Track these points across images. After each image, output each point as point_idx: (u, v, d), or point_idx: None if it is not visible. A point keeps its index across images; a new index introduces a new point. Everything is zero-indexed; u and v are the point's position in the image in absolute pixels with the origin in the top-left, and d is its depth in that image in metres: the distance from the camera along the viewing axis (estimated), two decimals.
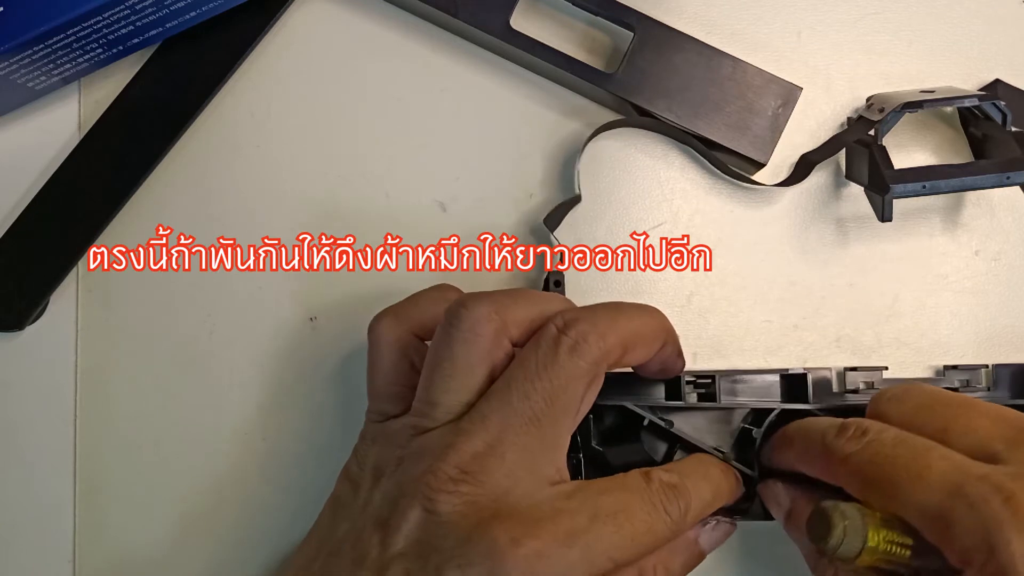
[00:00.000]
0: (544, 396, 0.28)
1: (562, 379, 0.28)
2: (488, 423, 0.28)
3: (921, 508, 0.27)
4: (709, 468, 0.32)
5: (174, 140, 0.38)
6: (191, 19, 0.37)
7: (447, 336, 0.29)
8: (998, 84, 0.38)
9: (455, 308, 0.29)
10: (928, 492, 0.27)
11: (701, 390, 0.35)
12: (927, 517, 0.27)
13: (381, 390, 0.32)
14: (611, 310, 0.30)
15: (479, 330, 0.29)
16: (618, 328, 0.29)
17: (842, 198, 0.39)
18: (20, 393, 0.38)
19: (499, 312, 0.29)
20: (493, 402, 0.28)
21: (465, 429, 0.28)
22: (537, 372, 0.28)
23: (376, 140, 0.39)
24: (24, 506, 0.37)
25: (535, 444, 0.28)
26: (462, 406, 0.29)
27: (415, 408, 0.30)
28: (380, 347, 0.32)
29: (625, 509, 0.28)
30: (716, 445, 0.35)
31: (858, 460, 0.29)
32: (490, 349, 0.29)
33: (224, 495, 0.37)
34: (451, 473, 0.27)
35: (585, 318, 0.29)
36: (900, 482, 0.28)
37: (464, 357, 0.29)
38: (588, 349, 0.28)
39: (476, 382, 0.29)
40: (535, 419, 0.28)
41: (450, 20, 0.37)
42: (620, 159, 0.39)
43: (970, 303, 0.38)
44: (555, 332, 0.29)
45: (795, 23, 0.39)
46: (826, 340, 0.38)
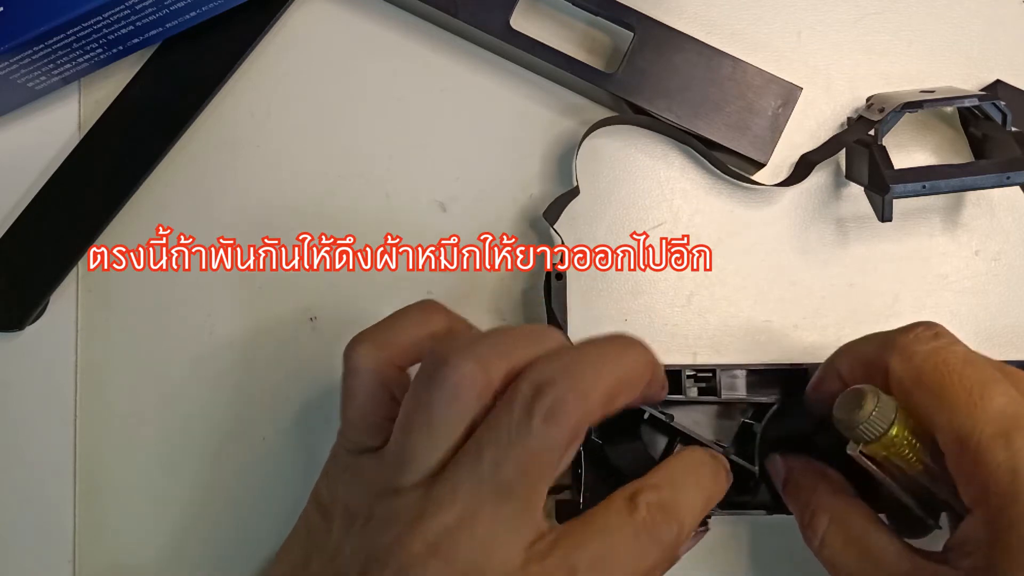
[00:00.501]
0: (517, 467, 0.26)
1: (536, 449, 0.26)
2: (458, 494, 0.26)
3: (963, 432, 0.27)
4: (699, 471, 0.30)
5: (174, 140, 0.38)
6: (191, 19, 0.37)
7: (427, 393, 0.27)
8: (998, 84, 0.38)
9: (437, 364, 0.27)
10: (976, 420, 0.26)
11: (701, 384, 0.35)
12: (963, 442, 0.26)
13: (357, 421, 0.30)
14: (592, 358, 0.27)
15: (461, 392, 0.27)
16: (599, 383, 0.27)
17: (842, 198, 0.39)
18: (20, 393, 0.38)
19: (485, 369, 0.27)
20: (463, 471, 0.26)
21: (436, 498, 0.26)
22: (510, 441, 0.26)
23: (376, 140, 0.39)
24: (24, 506, 0.37)
25: (508, 512, 0.26)
26: (438, 463, 0.27)
27: (389, 458, 0.28)
28: (357, 377, 0.30)
29: (609, 554, 0.27)
30: (716, 439, 0.35)
31: (922, 361, 0.28)
32: (472, 408, 0.27)
33: (224, 495, 0.37)
34: (420, 549, 0.26)
35: (562, 376, 0.26)
36: (956, 400, 0.27)
37: (443, 417, 0.27)
38: (566, 417, 0.26)
39: (455, 439, 0.27)
40: (507, 489, 0.26)
41: (450, 20, 0.37)
42: (620, 159, 0.39)
43: (970, 303, 0.38)
44: (528, 396, 0.26)
45: (795, 23, 0.39)
46: (826, 340, 0.38)
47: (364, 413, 0.30)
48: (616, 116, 0.38)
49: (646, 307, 0.38)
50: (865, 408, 0.28)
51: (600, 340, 0.29)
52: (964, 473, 0.27)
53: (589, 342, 0.28)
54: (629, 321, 0.38)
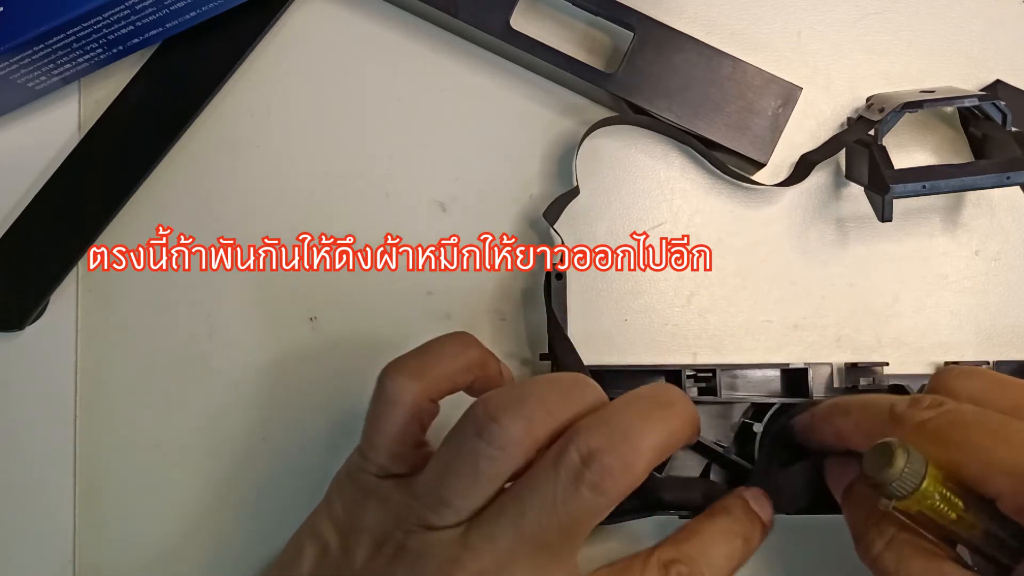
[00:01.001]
0: (559, 529, 0.27)
1: (580, 515, 0.27)
2: (497, 545, 0.27)
3: (1008, 465, 0.26)
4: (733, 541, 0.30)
5: (174, 140, 0.38)
6: (191, 19, 0.37)
7: (474, 448, 0.27)
8: (998, 84, 0.38)
9: (486, 421, 0.27)
10: (1017, 452, 0.26)
11: (702, 384, 0.35)
12: (1015, 475, 0.26)
13: (383, 448, 0.30)
14: (639, 423, 0.27)
15: (510, 450, 0.27)
16: (647, 451, 0.27)
17: (842, 198, 0.39)
18: (20, 393, 0.38)
19: (532, 430, 0.27)
20: (504, 524, 0.27)
21: (474, 546, 0.27)
22: (554, 506, 0.27)
23: (376, 140, 0.39)
24: (24, 506, 0.37)
25: (544, 562, 0.27)
26: (472, 510, 0.28)
27: (423, 497, 0.28)
28: (393, 407, 0.30)
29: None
30: (716, 439, 0.35)
31: (935, 425, 0.28)
32: (517, 463, 0.28)
33: (224, 495, 0.37)
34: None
35: (611, 446, 0.26)
36: (983, 443, 0.27)
37: (488, 473, 0.27)
38: (613, 485, 0.26)
39: (493, 491, 0.28)
40: (546, 546, 0.27)
41: (450, 20, 0.37)
42: (620, 159, 0.39)
43: (970, 303, 0.38)
44: (577, 463, 0.26)
45: (795, 23, 0.39)
46: (826, 340, 0.38)
47: (394, 441, 0.30)
48: (616, 116, 0.38)
49: (646, 307, 0.38)
50: (897, 464, 0.27)
51: (643, 400, 0.29)
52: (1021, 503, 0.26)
53: (631, 401, 0.28)
54: (629, 321, 0.38)
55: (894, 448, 0.27)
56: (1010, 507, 0.27)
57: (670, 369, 0.36)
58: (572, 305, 0.37)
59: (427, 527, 0.28)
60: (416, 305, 0.38)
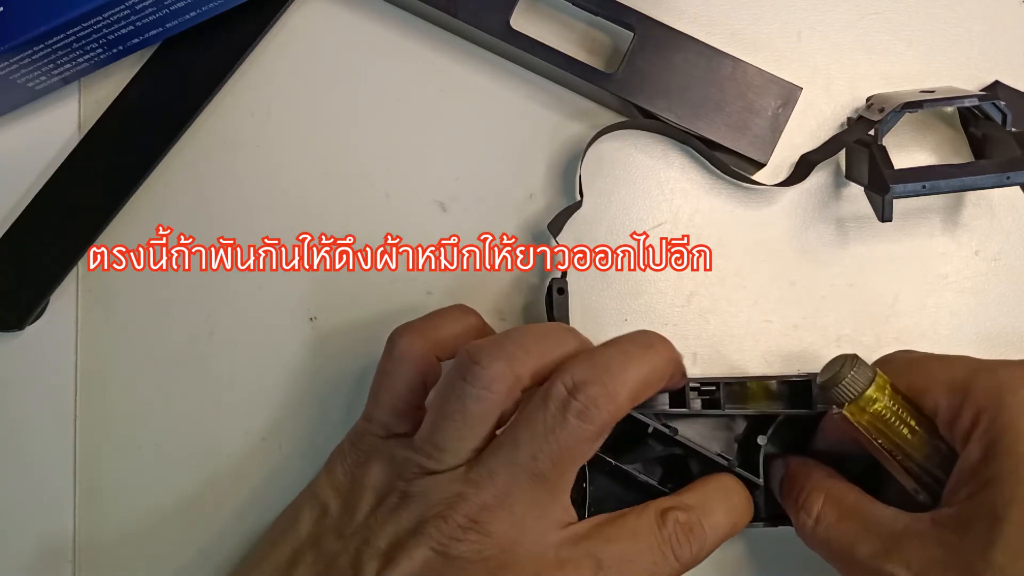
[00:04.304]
0: (551, 457, 0.28)
1: (570, 443, 0.29)
2: (496, 478, 0.29)
3: (944, 380, 0.30)
4: (732, 498, 0.32)
5: (174, 140, 0.38)
6: (191, 19, 0.37)
7: (460, 390, 0.29)
8: (997, 85, 0.38)
9: (469, 363, 0.29)
10: (952, 368, 0.30)
11: (705, 396, 0.35)
12: (948, 386, 0.30)
13: (389, 405, 0.32)
14: (618, 358, 0.30)
15: (494, 388, 0.29)
16: (628, 382, 0.29)
17: (842, 198, 0.39)
18: (20, 393, 0.38)
19: (513, 368, 0.29)
20: (501, 458, 0.29)
21: (475, 480, 0.29)
22: (545, 436, 0.28)
23: (376, 140, 0.39)
24: (24, 506, 0.37)
25: (542, 496, 0.29)
26: (470, 452, 0.29)
27: (421, 447, 0.30)
28: (400, 362, 0.32)
29: (632, 557, 0.29)
30: (721, 451, 0.34)
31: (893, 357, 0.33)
32: (502, 403, 0.29)
33: (224, 495, 0.37)
34: (461, 522, 0.28)
35: (594, 377, 0.29)
36: (930, 366, 0.31)
37: (476, 412, 0.29)
38: (599, 414, 0.28)
39: (485, 432, 0.30)
40: (542, 476, 0.29)
41: (450, 20, 0.37)
42: (620, 159, 0.39)
43: (970, 303, 0.38)
44: (564, 394, 0.29)
45: (795, 23, 0.39)
46: (826, 340, 0.38)
47: (399, 398, 0.32)
48: (620, 123, 0.38)
49: (646, 307, 0.38)
50: (844, 369, 0.30)
51: (624, 340, 0.31)
52: (960, 405, 0.29)
53: (614, 342, 0.31)
54: (629, 321, 0.38)
55: (845, 357, 0.30)
56: (944, 421, 0.30)
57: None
58: (572, 305, 0.37)
59: (428, 473, 0.29)
60: (416, 305, 0.38)
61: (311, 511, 0.32)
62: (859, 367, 0.30)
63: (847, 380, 0.30)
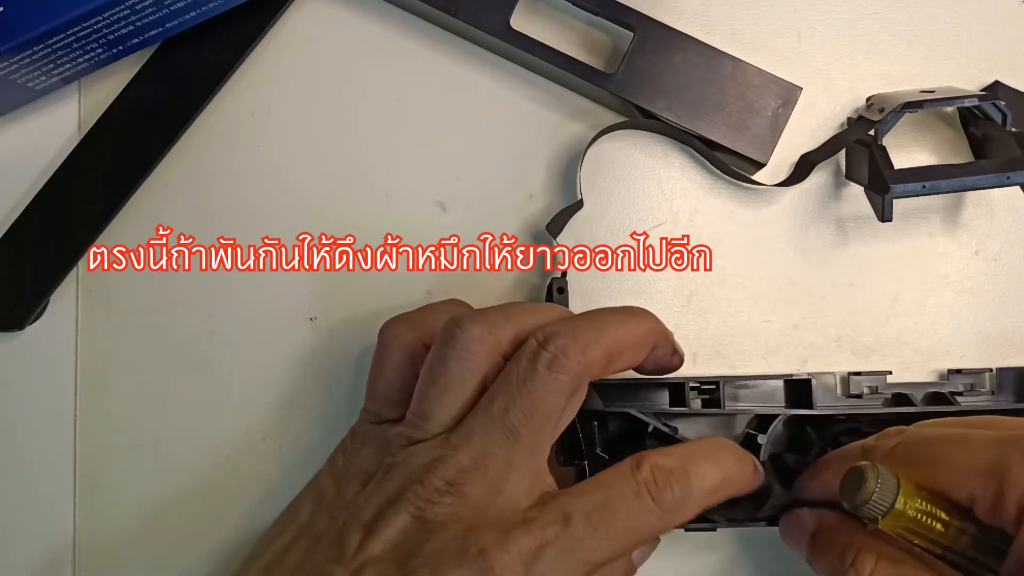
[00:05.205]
0: (523, 410, 0.29)
1: (540, 393, 0.29)
2: (472, 438, 0.29)
3: (973, 468, 0.27)
4: (721, 451, 0.31)
5: (174, 140, 0.38)
6: (191, 19, 0.37)
7: (443, 354, 0.30)
8: (998, 85, 0.38)
9: (450, 327, 0.30)
10: (977, 453, 0.28)
11: (705, 396, 0.35)
12: (980, 474, 0.27)
13: (381, 393, 0.33)
14: (594, 320, 0.30)
15: (473, 348, 0.30)
16: (601, 340, 0.30)
17: (842, 198, 0.39)
18: (20, 393, 0.38)
19: (492, 331, 0.30)
20: (478, 418, 0.29)
21: (453, 443, 0.29)
22: (517, 387, 0.29)
23: (376, 140, 0.39)
24: (24, 506, 0.37)
25: (516, 457, 0.29)
26: (453, 420, 0.30)
27: (409, 419, 0.31)
28: (389, 350, 0.33)
29: (604, 507, 0.28)
30: None
31: (902, 449, 0.30)
32: (483, 366, 0.30)
33: (224, 495, 0.37)
34: (438, 485, 0.28)
35: (566, 331, 0.29)
36: (947, 452, 0.28)
37: (458, 374, 0.30)
38: (568, 363, 0.29)
39: (468, 396, 0.30)
40: (515, 432, 0.29)
41: (450, 20, 0.37)
42: (620, 159, 0.39)
43: (970, 303, 0.38)
44: (535, 347, 0.29)
45: (795, 23, 0.39)
46: (826, 340, 0.38)
47: (389, 386, 0.33)
48: (620, 123, 0.38)
49: (646, 307, 0.38)
50: (867, 486, 0.28)
51: (609, 308, 0.32)
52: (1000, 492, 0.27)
53: (597, 309, 0.32)
54: None
55: (864, 470, 0.28)
56: (984, 509, 0.27)
57: (673, 382, 0.35)
58: (572, 305, 0.37)
59: (413, 443, 0.30)
60: (416, 305, 0.38)
61: (311, 500, 0.32)
62: (883, 479, 0.28)
63: (875, 496, 0.28)
